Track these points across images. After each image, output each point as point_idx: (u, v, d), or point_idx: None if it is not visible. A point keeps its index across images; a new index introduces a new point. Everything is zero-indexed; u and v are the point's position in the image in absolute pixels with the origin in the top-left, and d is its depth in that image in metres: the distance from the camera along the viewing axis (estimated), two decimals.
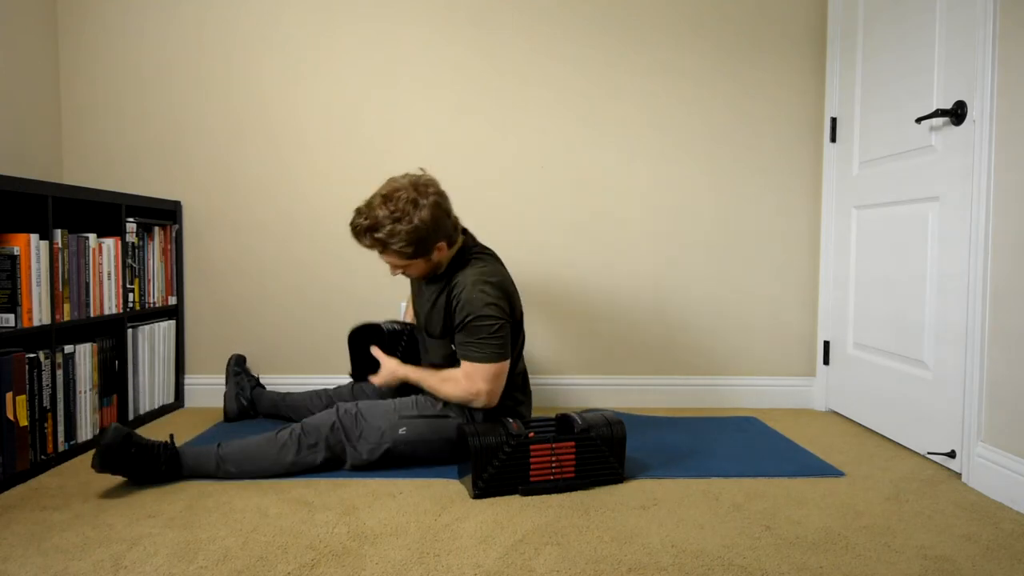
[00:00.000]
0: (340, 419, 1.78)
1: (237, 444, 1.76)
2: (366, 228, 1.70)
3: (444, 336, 1.84)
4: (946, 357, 1.85)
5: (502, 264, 1.90)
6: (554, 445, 1.65)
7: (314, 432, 1.77)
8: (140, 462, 1.66)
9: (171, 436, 1.76)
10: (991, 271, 1.67)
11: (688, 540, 1.39)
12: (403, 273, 1.83)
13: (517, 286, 2.15)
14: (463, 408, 1.83)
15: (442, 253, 1.79)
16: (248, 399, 2.32)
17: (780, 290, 2.58)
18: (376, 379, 1.91)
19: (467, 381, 1.75)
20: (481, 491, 1.62)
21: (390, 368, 1.89)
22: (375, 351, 1.92)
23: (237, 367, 2.37)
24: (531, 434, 1.66)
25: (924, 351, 1.95)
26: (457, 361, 1.80)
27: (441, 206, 1.73)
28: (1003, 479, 1.61)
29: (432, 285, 1.86)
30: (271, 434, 1.78)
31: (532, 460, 1.64)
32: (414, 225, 1.68)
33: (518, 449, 1.63)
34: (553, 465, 1.66)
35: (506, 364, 1.76)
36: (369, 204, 1.71)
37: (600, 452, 1.69)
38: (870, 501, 1.61)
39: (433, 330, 1.86)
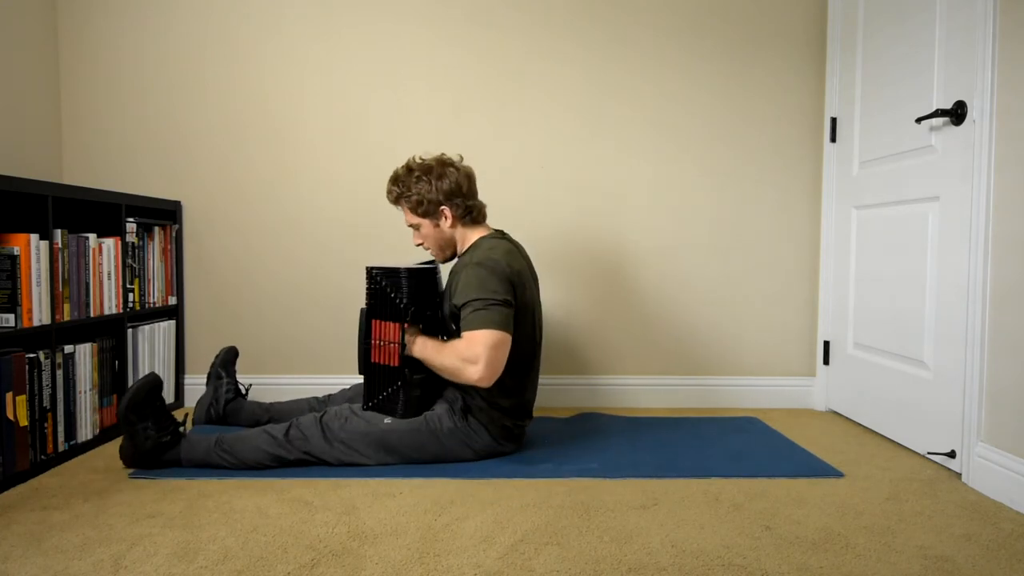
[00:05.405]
0: (329, 417, 1.84)
1: (235, 432, 1.85)
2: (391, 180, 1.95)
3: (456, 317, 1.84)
4: (946, 357, 1.85)
5: (515, 250, 1.90)
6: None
7: (305, 425, 1.83)
8: (156, 419, 1.77)
9: (186, 416, 1.90)
10: (991, 271, 1.67)
11: (688, 540, 1.39)
12: (419, 242, 1.96)
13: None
14: (448, 401, 1.85)
15: (448, 222, 1.91)
16: (220, 413, 2.14)
17: (780, 290, 2.58)
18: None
19: (465, 344, 1.72)
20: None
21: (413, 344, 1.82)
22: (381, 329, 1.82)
23: (222, 369, 2.20)
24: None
25: (924, 351, 1.95)
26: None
27: (453, 179, 1.89)
28: (1003, 479, 1.61)
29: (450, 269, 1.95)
30: (266, 426, 1.87)
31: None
32: (424, 182, 1.88)
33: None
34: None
35: (506, 337, 1.72)
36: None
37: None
38: (870, 501, 1.61)
39: (447, 312, 1.88)
